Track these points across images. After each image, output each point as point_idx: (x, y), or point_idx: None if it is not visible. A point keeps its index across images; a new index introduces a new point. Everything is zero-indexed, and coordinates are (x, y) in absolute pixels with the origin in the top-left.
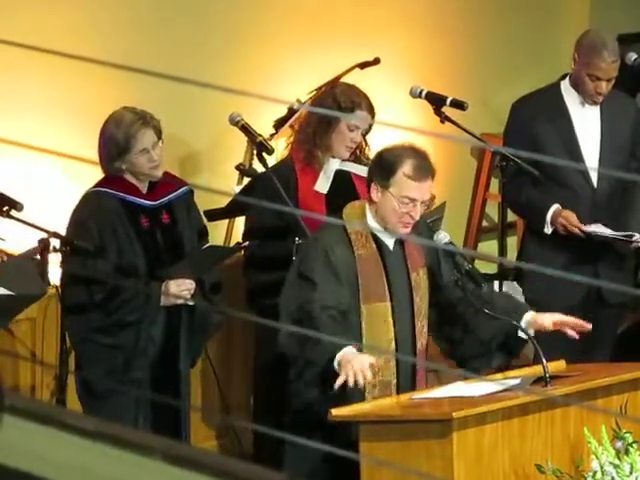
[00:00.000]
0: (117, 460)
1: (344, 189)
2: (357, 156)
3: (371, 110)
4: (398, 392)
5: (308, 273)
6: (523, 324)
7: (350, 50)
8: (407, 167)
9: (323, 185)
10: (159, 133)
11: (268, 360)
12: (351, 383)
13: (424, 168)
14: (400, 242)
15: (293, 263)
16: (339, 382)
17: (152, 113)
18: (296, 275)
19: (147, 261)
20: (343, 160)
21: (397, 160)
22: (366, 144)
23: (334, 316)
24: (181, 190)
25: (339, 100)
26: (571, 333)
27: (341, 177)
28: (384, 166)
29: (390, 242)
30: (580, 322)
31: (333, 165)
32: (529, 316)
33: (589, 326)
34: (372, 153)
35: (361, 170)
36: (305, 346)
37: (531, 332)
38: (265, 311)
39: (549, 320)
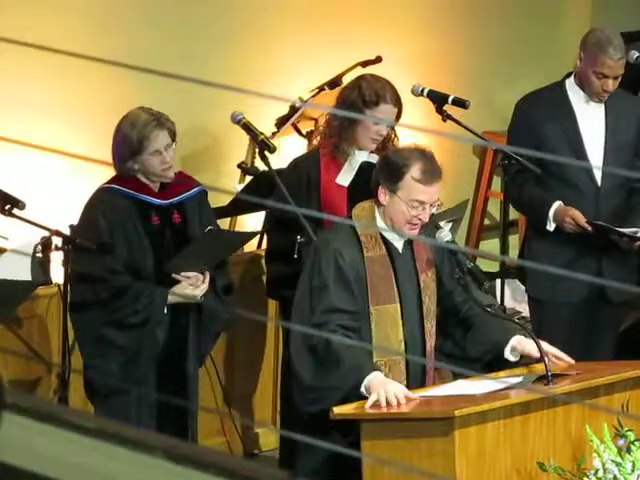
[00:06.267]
0: (118, 458)
1: (369, 182)
2: (385, 146)
3: (397, 102)
4: None
5: (321, 284)
6: (509, 348)
7: (352, 48)
8: (415, 171)
9: (345, 178)
10: (173, 135)
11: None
12: (383, 403)
13: (432, 171)
14: (409, 244)
15: (304, 270)
16: (371, 401)
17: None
18: (308, 286)
19: (155, 259)
20: (370, 152)
21: (404, 164)
22: (395, 135)
23: (350, 327)
24: (194, 190)
25: (364, 93)
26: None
27: (367, 170)
28: (391, 170)
29: (399, 244)
30: (564, 356)
31: (358, 157)
32: (515, 341)
33: (572, 361)
34: (400, 144)
35: None
36: (325, 373)
37: (513, 357)
38: (286, 302)
39: (535, 349)
